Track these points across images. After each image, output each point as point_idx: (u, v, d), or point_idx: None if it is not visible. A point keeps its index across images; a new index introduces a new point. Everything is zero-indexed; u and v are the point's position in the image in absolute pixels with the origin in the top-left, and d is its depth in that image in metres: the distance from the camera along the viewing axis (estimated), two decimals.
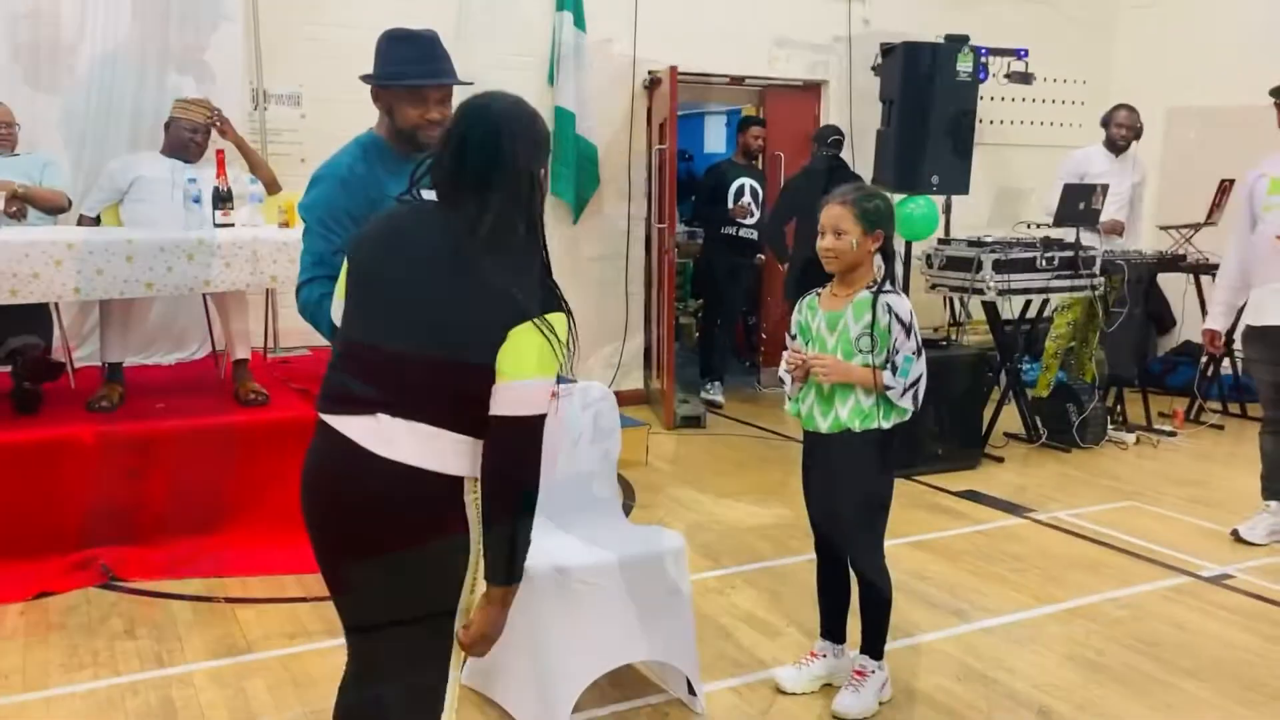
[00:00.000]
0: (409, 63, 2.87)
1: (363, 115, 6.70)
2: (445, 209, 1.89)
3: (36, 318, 4.55)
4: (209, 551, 4.13)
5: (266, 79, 5.88)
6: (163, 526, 4.15)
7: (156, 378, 5.23)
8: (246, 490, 4.23)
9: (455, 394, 1.82)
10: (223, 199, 4.43)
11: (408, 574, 1.87)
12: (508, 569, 1.85)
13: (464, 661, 2.02)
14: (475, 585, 1.93)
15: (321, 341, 5.90)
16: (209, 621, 3.65)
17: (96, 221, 5.05)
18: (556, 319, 1.82)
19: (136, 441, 4.14)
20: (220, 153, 4.63)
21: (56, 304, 4.79)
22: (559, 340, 1.81)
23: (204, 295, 5.12)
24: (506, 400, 1.79)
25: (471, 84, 3.19)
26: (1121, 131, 6.44)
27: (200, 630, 3.57)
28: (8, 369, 4.48)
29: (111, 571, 3.96)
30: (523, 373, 1.78)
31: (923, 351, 2.94)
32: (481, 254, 1.82)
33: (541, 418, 1.82)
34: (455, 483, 1.86)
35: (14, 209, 4.67)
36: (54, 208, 4.90)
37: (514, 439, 1.81)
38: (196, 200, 4.41)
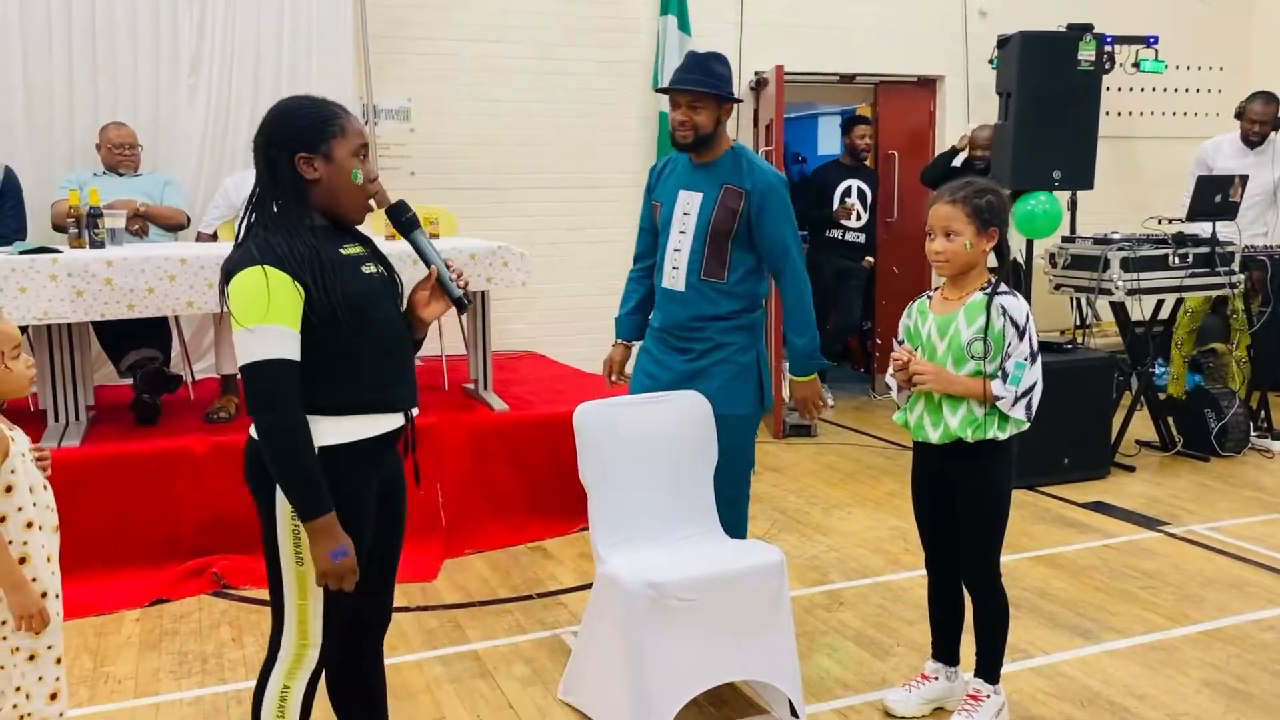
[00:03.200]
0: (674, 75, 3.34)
1: (471, 127, 6.85)
2: None
3: (156, 331, 4.70)
4: None
5: (376, 94, 5.98)
6: None
7: None
8: None
9: None
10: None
11: (264, 524, 2.17)
12: (296, 507, 2.05)
13: (316, 608, 2.20)
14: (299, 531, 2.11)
15: (429, 351, 5.99)
16: None
17: (214, 238, 5.20)
18: (245, 274, 2.01)
19: None
20: None
21: (177, 318, 4.94)
22: (251, 293, 2.00)
23: None
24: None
25: (719, 94, 3.27)
26: (1254, 127, 6.06)
27: None
28: (130, 381, 4.64)
29: (223, 579, 4.04)
30: (233, 328, 2.04)
31: (1038, 357, 2.75)
32: (239, 238, 2.14)
33: (253, 365, 2.01)
34: None
35: (136, 226, 4.86)
36: (174, 225, 5.07)
37: (245, 386, 2.04)
38: None
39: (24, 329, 4.10)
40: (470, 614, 3.81)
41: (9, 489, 2.24)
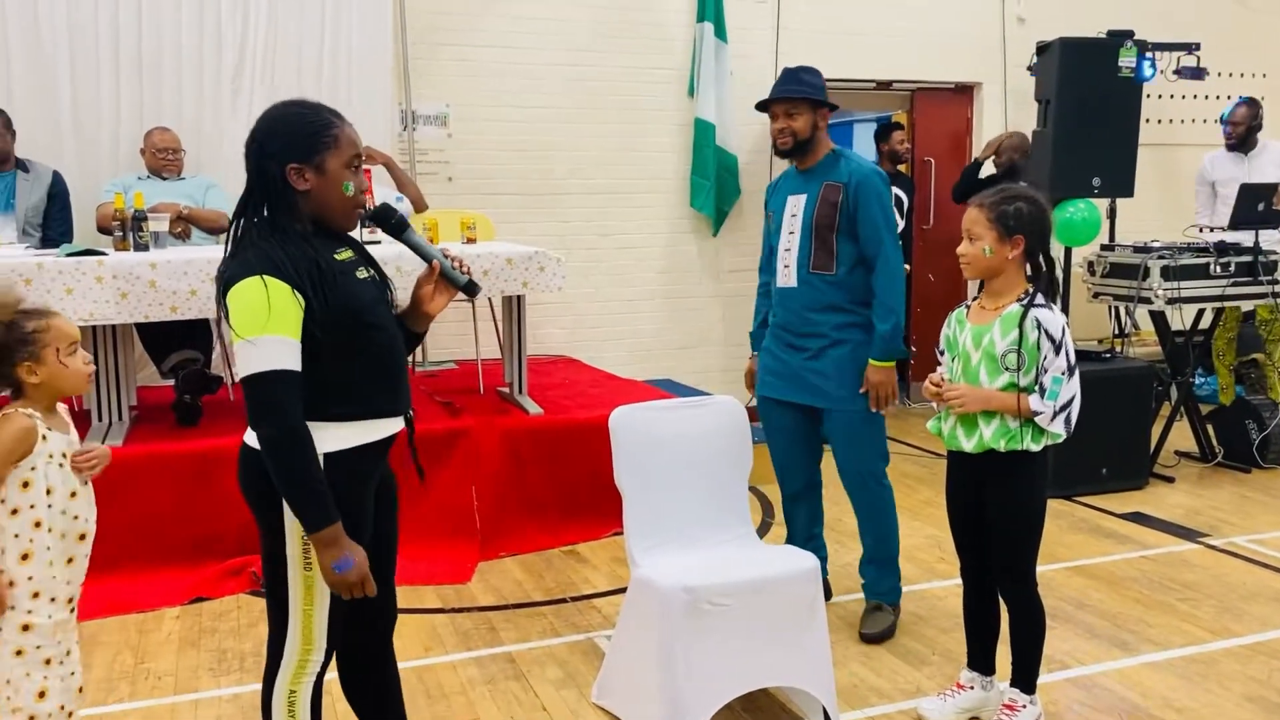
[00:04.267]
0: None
1: (508, 133, 6.85)
2: None
3: (197, 333, 4.77)
4: None
5: (415, 99, 6.03)
6: None
7: None
8: None
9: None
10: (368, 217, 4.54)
11: (262, 530, 2.16)
12: (300, 519, 2.04)
13: (323, 624, 2.19)
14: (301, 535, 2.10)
15: (468, 355, 6.00)
16: None
17: None
18: (243, 285, 2.00)
19: None
20: (367, 172, 4.75)
21: (218, 320, 5.01)
22: (250, 304, 1.99)
23: None
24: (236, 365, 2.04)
25: (811, 99, 3.48)
26: (1227, 129, 6.18)
27: None
28: (172, 382, 4.71)
29: (261, 579, 4.08)
30: (232, 339, 2.02)
31: (1075, 371, 2.73)
32: (231, 246, 2.12)
33: (254, 377, 1.99)
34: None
35: (179, 229, 4.93)
36: (216, 228, 5.14)
37: (247, 397, 2.02)
38: None
39: None
40: (504, 616, 3.83)
41: (25, 484, 2.25)
